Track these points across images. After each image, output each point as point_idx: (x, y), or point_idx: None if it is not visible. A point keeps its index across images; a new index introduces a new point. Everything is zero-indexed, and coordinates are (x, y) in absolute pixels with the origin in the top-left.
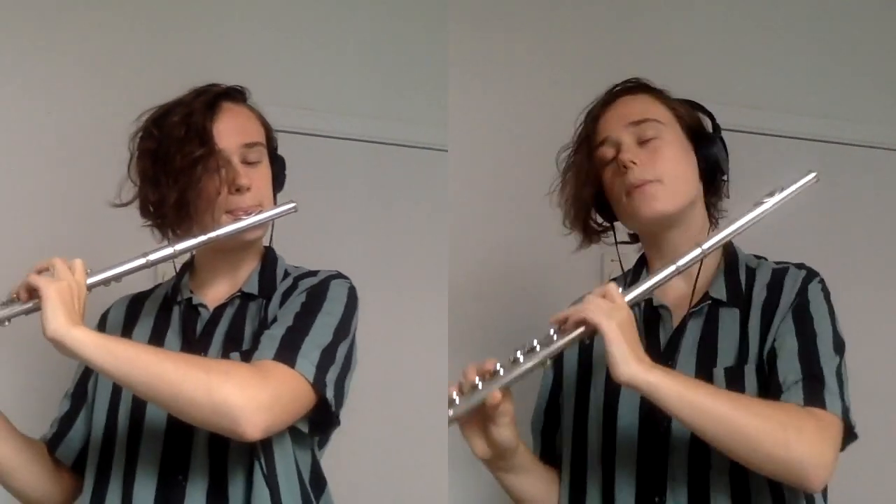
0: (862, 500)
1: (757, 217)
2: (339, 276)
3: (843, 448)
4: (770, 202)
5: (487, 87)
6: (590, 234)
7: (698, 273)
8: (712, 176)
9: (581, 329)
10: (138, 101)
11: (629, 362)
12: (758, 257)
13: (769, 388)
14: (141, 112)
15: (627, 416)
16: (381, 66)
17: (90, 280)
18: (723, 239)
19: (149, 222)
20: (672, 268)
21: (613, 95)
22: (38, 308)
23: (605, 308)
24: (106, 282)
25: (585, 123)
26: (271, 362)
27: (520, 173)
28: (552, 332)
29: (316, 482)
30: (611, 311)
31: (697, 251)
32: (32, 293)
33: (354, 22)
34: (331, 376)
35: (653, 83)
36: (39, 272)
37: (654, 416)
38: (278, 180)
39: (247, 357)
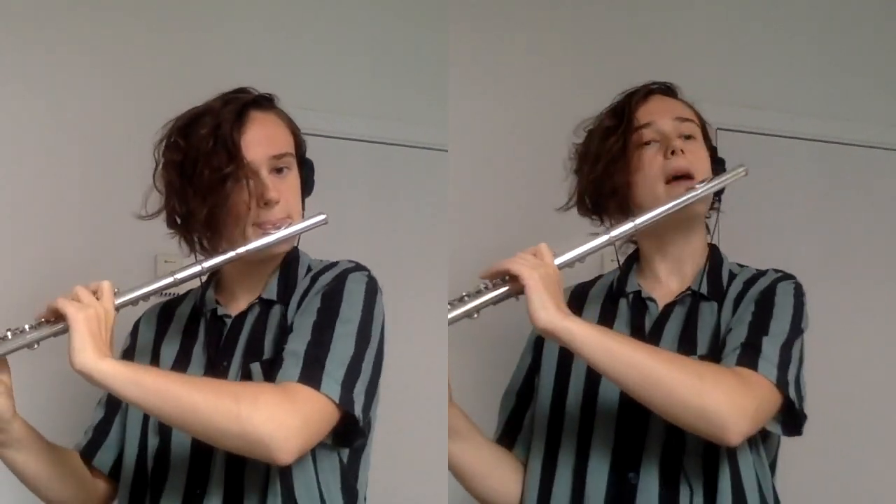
0: (862, 497)
1: (686, 200)
2: (357, 268)
3: (797, 431)
4: (700, 189)
5: (487, 87)
6: (602, 217)
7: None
8: (716, 193)
9: (507, 287)
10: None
11: (548, 308)
12: (741, 266)
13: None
14: (132, 114)
15: (609, 395)
16: (381, 66)
17: (118, 301)
18: (654, 216)
19: (173, 232)
20: (605, 237)
21: (652, 91)
22: (66, 330)
23: (531, 262)
24: (134, 302)
25: (624, 108)
26: (298, 385)
27: (519, 173)
28: (482, 286)
29: (347, 493)
30: (536, 265)
31: (630, 224)
32: (60, 316)
33: (355, 22)
34: (358, 390)
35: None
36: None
37: None
38: (307, 185)
39: (267, 368)
